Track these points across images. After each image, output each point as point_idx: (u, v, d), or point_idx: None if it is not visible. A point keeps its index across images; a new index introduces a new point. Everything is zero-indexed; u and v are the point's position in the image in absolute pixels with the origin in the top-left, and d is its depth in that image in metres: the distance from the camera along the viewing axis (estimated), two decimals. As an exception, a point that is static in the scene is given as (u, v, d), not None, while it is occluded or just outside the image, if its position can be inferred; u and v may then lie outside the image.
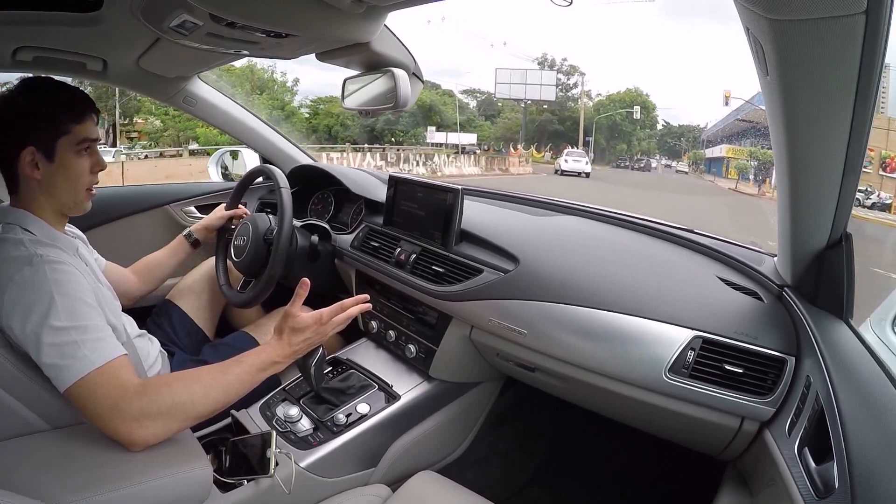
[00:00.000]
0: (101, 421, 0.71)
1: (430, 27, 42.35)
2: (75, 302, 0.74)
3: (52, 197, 0.84)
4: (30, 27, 1.05)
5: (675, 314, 0.87)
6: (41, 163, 0.81)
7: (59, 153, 0.82)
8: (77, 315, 0.73)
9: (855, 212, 0.73)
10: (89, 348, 0.71)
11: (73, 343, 0.71)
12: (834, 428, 0.57)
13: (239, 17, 0.83)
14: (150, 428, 0.72)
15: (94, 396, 0.71)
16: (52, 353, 0.70)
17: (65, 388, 0.70)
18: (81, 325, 0.72)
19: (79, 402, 0.72)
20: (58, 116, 0.82)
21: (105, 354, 0.72)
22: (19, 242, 0.76)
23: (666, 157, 40.66)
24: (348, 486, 1.01)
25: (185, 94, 1.57)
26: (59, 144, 0.82)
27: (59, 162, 0.83)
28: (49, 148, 0.81)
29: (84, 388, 0.70)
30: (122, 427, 0.71)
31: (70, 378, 0.70)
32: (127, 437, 0.71)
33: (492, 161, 22.39)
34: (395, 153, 20.21)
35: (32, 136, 0.80)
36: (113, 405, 0.71)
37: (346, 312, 0.92)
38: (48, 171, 0.82)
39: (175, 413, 0.74)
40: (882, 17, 0.44)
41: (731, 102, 23.70)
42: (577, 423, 1.40)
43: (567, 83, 37.12)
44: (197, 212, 1.75)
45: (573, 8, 38.67)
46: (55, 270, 0.74)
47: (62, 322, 0.71)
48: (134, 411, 0.71)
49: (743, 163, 28.23)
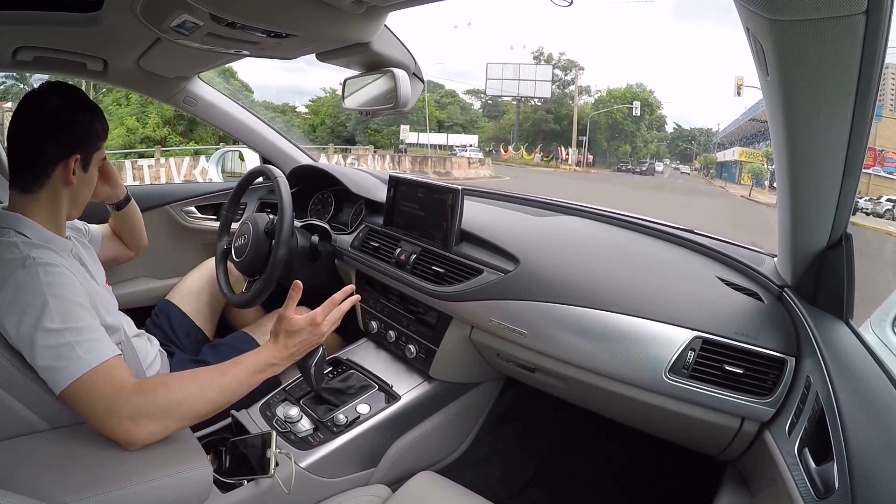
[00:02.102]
0: (97, 420, 0.72)
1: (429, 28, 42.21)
2: (68, 304, 0.74)
3: (73, 203, 0.90)
4: (30, 27, 1.05)
5: (675, 314, 0.87)
6: (78, 171, 0.86)
7: (92, 165, 0.90)
8: (70, 317, 0.73)
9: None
10: (84, 349, 0.72)
11: (68, 344, 0.71)
12: (834, 428, 0.57)
13: (239, 17, 0.83)
14: (147, 427, 0.72)
15: (90, 396, 0.71)
16: (47, 356, 0.70)
17: (61, 389, 0.71)
18: (75, 327, 0.73)
19: (75, 403, 0.72)
20: (99, 132, 0.90)
21: (100, 355, 0.73)
22: (13, 245, 0.76)
23: (677, 160, 40.05)
24: (348, 486, 1.01)
25: (185, 94, 1.57)
26: (94, 157, 0.90)
27: (90, 173, 0.90)
28: (88, 159, 0.88)
29: (80, 389, 0.71)
30: (118, 426, 0.71)
31: (66, 379, 0.70)
32: (124, 435, 0.71)
33: (424, 162, 19.03)
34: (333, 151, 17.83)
35: (81, 145, 0.86)
36: (109, 404, 0.71)
37: (339, 309, 0.94)
38: (81, 180, 0.88)
39: (172, 412, 0.74)
40: (882, 18, 0.44)
41: (743, 93, 22.17)
42: (577, 424, 1.40)
43: (564, 79, 34.92)
44: (197, 212, 1.75)
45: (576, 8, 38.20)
46: (48, 273, 0.75)
47: (56, 324, 0.71)
48: (130, 410, 0.71)
49: (757, 166, 26.49)
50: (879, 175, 18.09)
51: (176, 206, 1.72)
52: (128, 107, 16.87)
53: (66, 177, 0.84)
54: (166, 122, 17.06)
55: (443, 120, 32.49)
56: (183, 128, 17.44)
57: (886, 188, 16.77)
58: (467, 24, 52.11)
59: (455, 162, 19.45)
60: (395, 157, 18.97)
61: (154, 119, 16.78)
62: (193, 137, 17.46)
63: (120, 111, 16.78)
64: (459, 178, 16.46)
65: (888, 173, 18.39)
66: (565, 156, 31.34)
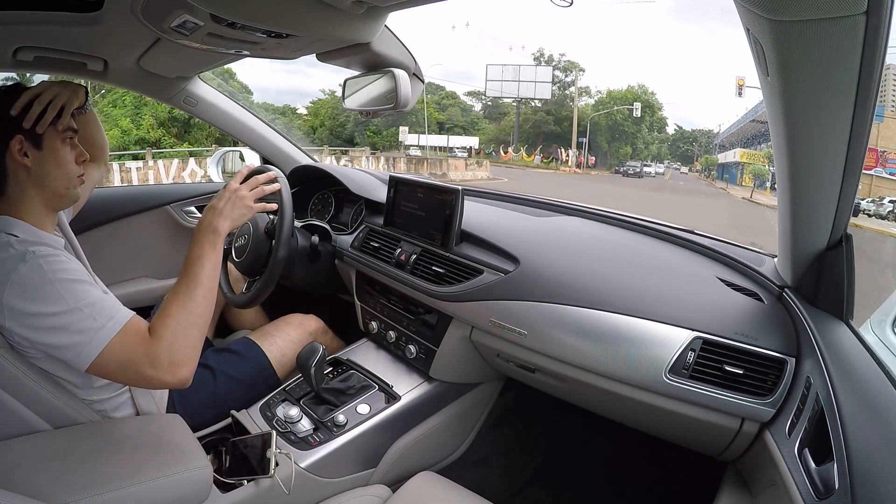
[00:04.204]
0: (142, 377, 0.74)
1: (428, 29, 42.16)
2: (75, 284, 0.75)
3: (43, 187, 0.84)
4: (30, 27, 1.05)
5: (675, 315, 0.87)
6: (30, 151, 0.81)
7: (46, 141, 0.83)
8: (81, 294, 0.75)
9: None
10: (104, 317, 0.74)
11: (88, 317, 0.73)
12: (834, 429, 0.57)
13: (239, 17, 0.83)
14: (187, 360, 0.77)
15: (126, 359, 0.73)
16: (72, 332, 0.72)
17: (89, 361, 0.72)
18: (89, 301, 0.74)
19: (109, 371, 0.74)
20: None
21: (120, 319, 0.75)
22: (6, 245, 0.76)
23: (678, 162, 39.90)
24: (348, 486, 1.01)
25: (185, 94, 1.57)
26: (45, 132, 0.83)
27: (48, 149, 0.83)
28: (37, 136, 0.82)
29: (112, 356, 0.73)
30: (167, 375, 0.75)
31: (93, 351, 0.72)
32: (174, 379, 0.75)
33: (420, 163, 18.81)
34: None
35: (14, 126, 0.80)
36: (148, 360, 0.74)
37: (257, 181, 1.01)
38: (38, 159, 0.82)
39: (191, 332, 0.79)
40: (882, 18, 0.44)
41: (744, 94, 21.76)
42: (577, 424, 1.40)
43: (564, 80, 34.48)
44: (197, 212, 1.75)
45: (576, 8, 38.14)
46: (50, 262, 0.75)
47: (69, 305, 0.73)
48: (165, 354, 0.75)
49: (759, 167, 25.85)
50: (881, 176, 18.03)
51: (176, 206, 1.72)
52: (123, 108, 16.81)
53: (18, 159, 0.80)
54: (161, 124, 17.01)
55: (443, 121, 32.43)
56: (177, 129, 17.39)
57: (888, 189, 16.68)
58: (466, 24, 52.19)
59: (452, 164, 19.25)
60: (390, 159, 18.78)
61: (148, 120, 16.71)
62: (188, 139, 17.42)
63: (115, 112, 16.74)
64: (456, 180, 15.69)
65: (890, 174, 18.33)
66: (565, 157, 31.08)
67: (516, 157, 29.84)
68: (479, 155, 28.66)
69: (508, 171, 23.51)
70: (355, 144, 24.58)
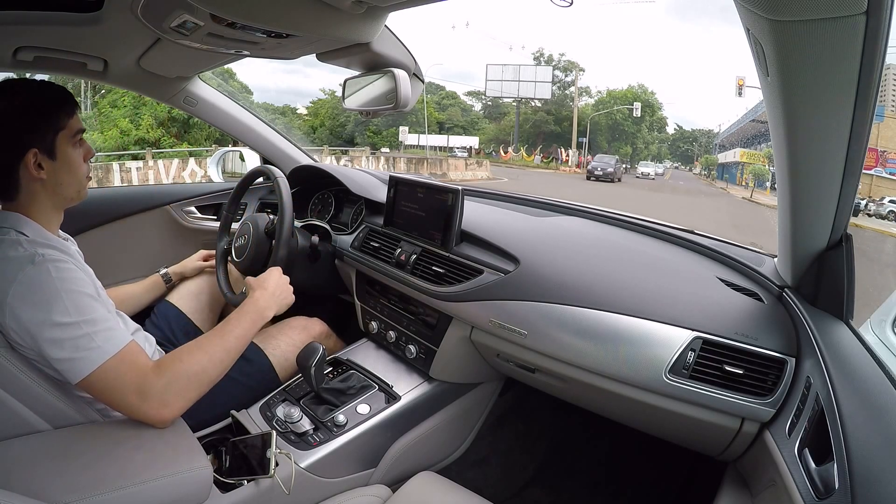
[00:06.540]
0: (127, 405, 0.75)
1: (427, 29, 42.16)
2: (81, 297, 0.75)
3: (56, 194, 0.84)
4: (30, 27, 1.05)
5: (675, 315, 0.87)
6: (45, 162, 0.81)
7: (59, 149, 0.82)
8: (84, 309, 0.75)
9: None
10: (102, 338, 0.74)
11: (86, 336, 0.73)
12: (834, 429, 0.57)
13: (239, 17, 0.83)
14: (175, 404, 0.78)
15: (116, 383, 0.74)
16: (66, 348, 0.72)
17: (80, 378, 0.73)
18: (90, 318, 0.74)
19: (98, 391, 0.75)
20: (53, 113, 0.82)
21: (118, 342, 0.75)
22: (15, 243, 0.77)
23: (678, 162, 39.86)
24: (348, 486, 1.01)
25: (185, 94, 1.57)
26: (58, 140, 0.82)
27: (61, 157, 0.83)
28: (50, 146, 0.81)
29: (102, 377, 0.73)
30: (150, 409, 0.75)
31: (86, 369, 0.72)
32: (157, 416, 0.76)
33: (420, 163, 18.29)
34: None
35: (33, 138, 0.80)
36: (137, 389, 0.75)
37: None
38: (52, 169, 0.82)
39: (192, 384, 0.79)
40: (882, 18, 0.44)
41: (744, 93, 21.81)
42: (577, 424, 1.40)
43: (564, 80, 34.43)
44: (197, 212, 1.76)
45: (576, 8, 38.00)
46: (58, 269, 0.75)
47: (72, 317, 0.73)
48: (158, 391, 0.76)
49: (759, 167, 25.84)
50: (882, 176, 18.02)
51: (176, 206, 1.72)
52: (122, 109, 16.80)
53: (34, 174, 0.80)
54: (160, 124, 17.00)
55: (443, 121, 32.41)
56: (177, 129, 17.38)
57: (889, 189, 16.67)
58: (466, 24, 52.20)
59: (452, 163, 19.10)
60: (390, 159, 18.75)
61: (147, 121, 16.71)
62: (187, 139, 17.40)
63: (114, 114, 16.74)
64: (456, 180, 15.58)
65: (890, 174, 18.31)
66: (565, 157, 31.04)
67: (516, 157, 29.82)
68: (479, 155, 28.67)
69: (508, 170, 23.40)
70: (355, 144, 24.61)
